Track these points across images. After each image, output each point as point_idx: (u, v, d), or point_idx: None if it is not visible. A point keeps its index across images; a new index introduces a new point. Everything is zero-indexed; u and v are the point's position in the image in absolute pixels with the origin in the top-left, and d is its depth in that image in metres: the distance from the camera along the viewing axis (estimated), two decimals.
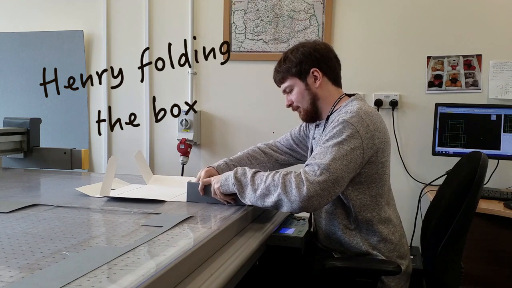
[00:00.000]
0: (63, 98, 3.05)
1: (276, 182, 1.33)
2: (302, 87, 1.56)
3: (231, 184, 1.43)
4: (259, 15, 2.75)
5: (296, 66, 1.55)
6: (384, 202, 1.48)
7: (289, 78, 1.58)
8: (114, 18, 2.99)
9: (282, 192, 1.31)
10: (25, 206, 1.41)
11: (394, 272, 1.36)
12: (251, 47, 2.78)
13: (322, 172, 1.30)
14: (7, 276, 0.85)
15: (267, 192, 1.35)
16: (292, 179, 1.31)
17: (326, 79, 1.56)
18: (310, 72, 1.54)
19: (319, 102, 1.57)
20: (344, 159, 1.33)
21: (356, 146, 1.37)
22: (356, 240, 1.48)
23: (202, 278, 1.02)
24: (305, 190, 1.28)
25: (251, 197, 1.39)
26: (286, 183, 1.31)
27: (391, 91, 2.61)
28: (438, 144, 2.43)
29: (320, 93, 1.56)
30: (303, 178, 1.30)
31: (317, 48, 1.55)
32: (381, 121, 1.50)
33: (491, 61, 2.48)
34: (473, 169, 1.41)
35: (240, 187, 1.41)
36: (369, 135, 1.40)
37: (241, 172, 1.43)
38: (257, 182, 1.38)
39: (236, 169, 1.45)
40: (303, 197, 1.28)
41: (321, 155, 1.35)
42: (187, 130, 2.83)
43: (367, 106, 1.49)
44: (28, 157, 2.31)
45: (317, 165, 1.32)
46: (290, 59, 1.57)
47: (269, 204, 1.35)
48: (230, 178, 1.43)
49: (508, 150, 2.32)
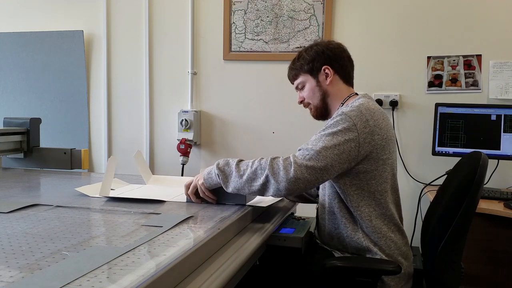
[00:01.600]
0: (63, 98, 3.06)
1: (263, 165, 1.38)
2: (313, 84, 1.61)
3: (214, 176, 1.45)
4: (259, 15, 2.75)
5: (309, 64, 1.60)
6: (385, 200, 1.48)
7: (302, 74, 1.63)
8: (114, 18, 2.99)
9: (270, 174, 1.35)
10: (25, 206, 1.41)
11: (394, 271, 1.36)
12: (251, 47, 2.78)
13: (311, 157, 1.34)
14: (7, 276, 0.85)
15: (253, 176, 1.38)
16: (279, 161, 1.36)
17: (337, 77, 1.60)
18: (322, 70, 1.59)
19: (329, 99, 1.61)
20: (336, 148, 1.37)
21: (351, 138, 1.39)
22: (358, 235, 1.48)
23: (202, 278, 1.02)
24: (292, 171, 1.33)
25: (237, 184, 1.41)
26: (273, 165, 1.36)
27: (391, 91, 2.61)
28: (438, 144, 2.43)
29: (331, 90, 1.60)
30: (291, 161, 1.35)
31: (330, 47, 1.61)
32: (385, 118, 1.51)
33: (491, 61, 2.48)
34: (473, 169, 1.41)
35: (224, 176, 1.43)
36: (367, 130, 1.42)
37: (224, 163, 1.46)
38: (243, 168, 1.41)
39: (217, 161, 1.47)
40: (290, 178, 1.32)
41: (314, 142, 1.39)
42: (187, 130, 2.83)
43: (372, 103, 1.51)
44: (28, 157, 2.31)
45: (307, 150, 1.36)
46: (303, 56, 1.61)
47: (255, 188, 1.38)
48: (213, 170, 1.47)
49: (508, 150, 2.32)
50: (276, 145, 2.78)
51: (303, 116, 2.31)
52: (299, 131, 2.73)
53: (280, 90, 2.72)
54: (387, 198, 1.49)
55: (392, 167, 1.53)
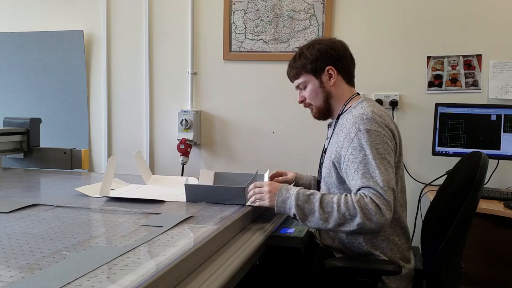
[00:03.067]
0: (63, 98, 3.06)
1: (352, 211, 1.30)
2: (316, 85, 1.56)
3: (288, 209, 1.39)
4: (259, 15, 2.75)
5: (312, 63, 1.54)
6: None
7: (304, 74, 1.57)
8: (114, 18, 2.99)
9: (363, 221, 1.29)
10: (25, 206, 1.41)
11: (395, 272, 1.36)
12: (251, 47, 2.78)
13: (385, 192, 1.31)
14: (7, 276, 0.85)
15: (343, 221, 1.32)
16: (368, 205, 1.29)
17: (341, 77, 1.56)
18: (325, 70, 1.54)
19: (332, 100, 1.57)
20: (389, 166, 1.37)
21: (390, 146, 1.42)
22: (359, 240, 1.48)
23: (202, 278, 1.02)
24: (387, 215, 1.29)
25: (319, 225, 1.35)
26: (364, 211, 1.29)
27: (391, 91, 2.61)
28: (438, 144, 2.43)
29: (334, 91, 1.56)
30: (379, 203, 1.29)
31: (333, 46, 1.55)
32: (392, 120, 1.54)
33: (491, 61, 2.48)
34: (473, 169, 1.41)
35: (303, 215, 1.36)
36: (391, 133, 1.45)
37: (304, 199, 1.37)
38: (328, 210, 1.34)
39: (297, 194, 1.39)
40: (386, 221, 1.29)
41: (370, 173, 1.34)
42: (187, 130, 2.83)
43: (377, 108, 1.51)
44: (28, 157, 2.31)
45: (375, 189, 1.32)
46: (305, 55, 1.55)
47: (346, 231, 1.34)
48: (289, 203, 1.39)
49: (508, 150, 2.32)
50: (276, 145, 2.78)
51: (303, 116, 2.32)
52: (299, 131, 2.73)
53: (280, 90, 2.72)
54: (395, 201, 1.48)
55: (401, 167, 1.53)
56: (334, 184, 1.49)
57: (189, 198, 1.57)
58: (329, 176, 1.51)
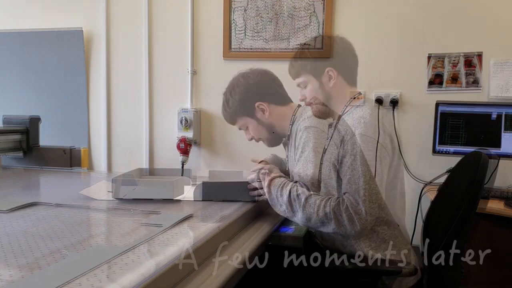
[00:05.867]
0: (62, 97, 3.05)
1: (329, 216, 1.38)
2: (316, 85, 1.56)
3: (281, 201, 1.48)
4: (259, 13, 2.74)
5: (311, 64, 1.54)
6: (392, 206, 1.46)
7: (304, 74, 1.57)
8: (114, 16, 2.98)
9: (337, 227, 1.37)
10: (25, 205, 1.41)
11: (395, 272, 1.36)
12: (251, 46, 2.77)
13: (364, 200, 1.33)
14: (6, 275, 0.85)
15: (321, 224, 1.41)
16: (342, 214, 1.35)
17: (341, 78, 1.56)
18: (325, 71, 1.54)
19: (332, 101, 1.57)
20: (377, 176, 1.37)
21: (384, 155, 1.40)
22: (359, 242, 1.47)
23: (202, 278, 1.01)
24: (359, 225, 1.34)
25: (304, 223, 1.45)
26: (338, 217, 1.36)
27: (391, 89, 2.60)
28: (439, 143, 2.42)
29: (334, 92, 1.55)
30: (353, 213, 1.34)
31: (334, 47, 1.56)
32: (391, 125, 1.52)
33: (491, 60, 2.48)
34: (473, 169, 1.40)
35: (291, 212, 1.46)
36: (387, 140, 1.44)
37: (294, 194, 1.46)
38: (309, 211, 1.42)
39: (293, 187, 1.48)
40: (358, 231, 1.35)
41: (354, 179, 1.36)
42: (187, 129, 2.82)
43: (377, 112, 1.49)
44: (27, 156, 2.31)
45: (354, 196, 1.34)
46: (306, 55, 1.56)
47: (326, 231, 1.43)
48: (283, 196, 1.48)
49: (509, 149, 2.32)
50: None
51: None
52: None
53: None
54: (394, 204, 1.48)
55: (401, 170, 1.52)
56: (335, 187, 1.49)
57: (205, 196, 1.57)
58: (329, 178, 1.50)
